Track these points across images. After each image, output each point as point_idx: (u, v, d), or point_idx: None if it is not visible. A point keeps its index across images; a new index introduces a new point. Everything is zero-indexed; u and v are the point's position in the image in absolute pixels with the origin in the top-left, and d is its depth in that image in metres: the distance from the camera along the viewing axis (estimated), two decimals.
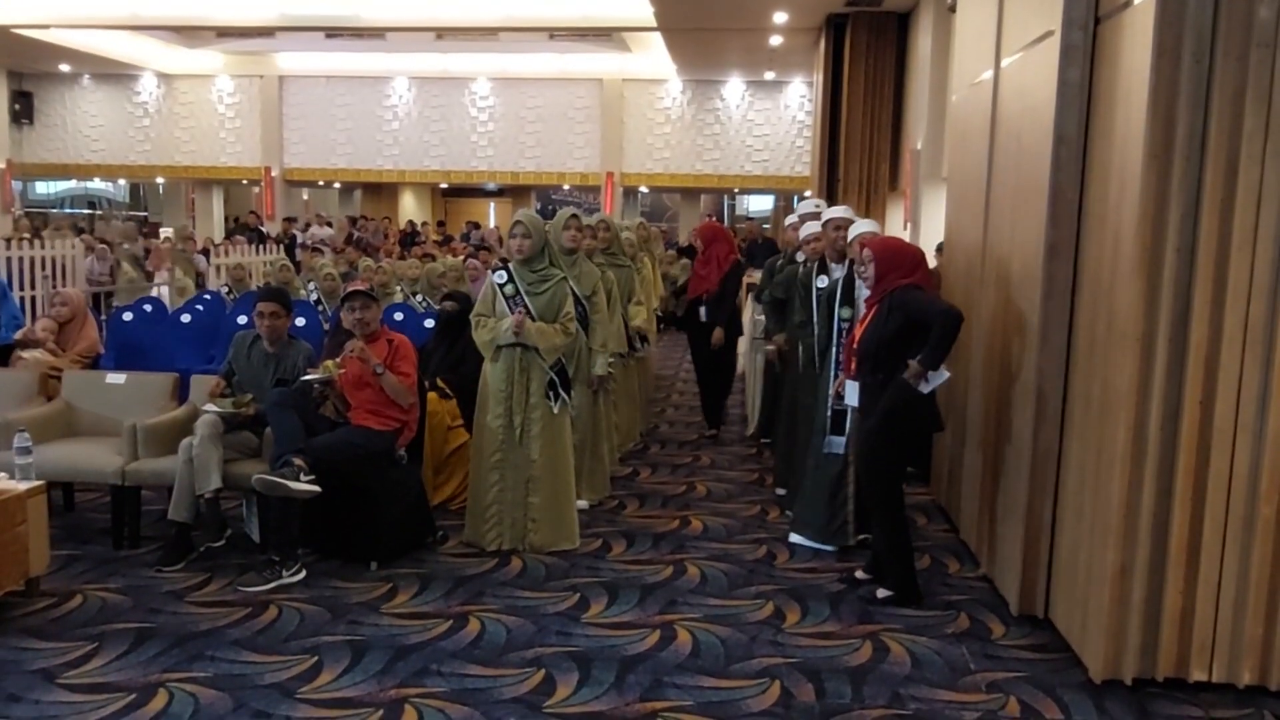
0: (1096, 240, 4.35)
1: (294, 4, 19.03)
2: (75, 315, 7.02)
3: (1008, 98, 5.46)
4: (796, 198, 23.94)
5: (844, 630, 4.76)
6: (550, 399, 5.73)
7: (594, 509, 6.56)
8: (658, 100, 23.93)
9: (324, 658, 4.32)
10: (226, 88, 24.69)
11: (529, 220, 5.82)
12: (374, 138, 24.53)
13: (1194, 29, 3.83)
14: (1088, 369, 4.39)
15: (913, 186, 11.25)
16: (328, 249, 17.46)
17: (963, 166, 6.54)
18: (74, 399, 6.19)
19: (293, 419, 5.28)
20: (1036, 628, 4.78)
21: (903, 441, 5.09)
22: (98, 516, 6.19)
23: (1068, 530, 4.56)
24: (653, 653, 4.47)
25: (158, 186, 28.47)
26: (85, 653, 4.33)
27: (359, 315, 5.55)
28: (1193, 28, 3.83)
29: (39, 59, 22.72)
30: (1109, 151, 4.25)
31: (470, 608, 4.93)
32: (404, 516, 5.61)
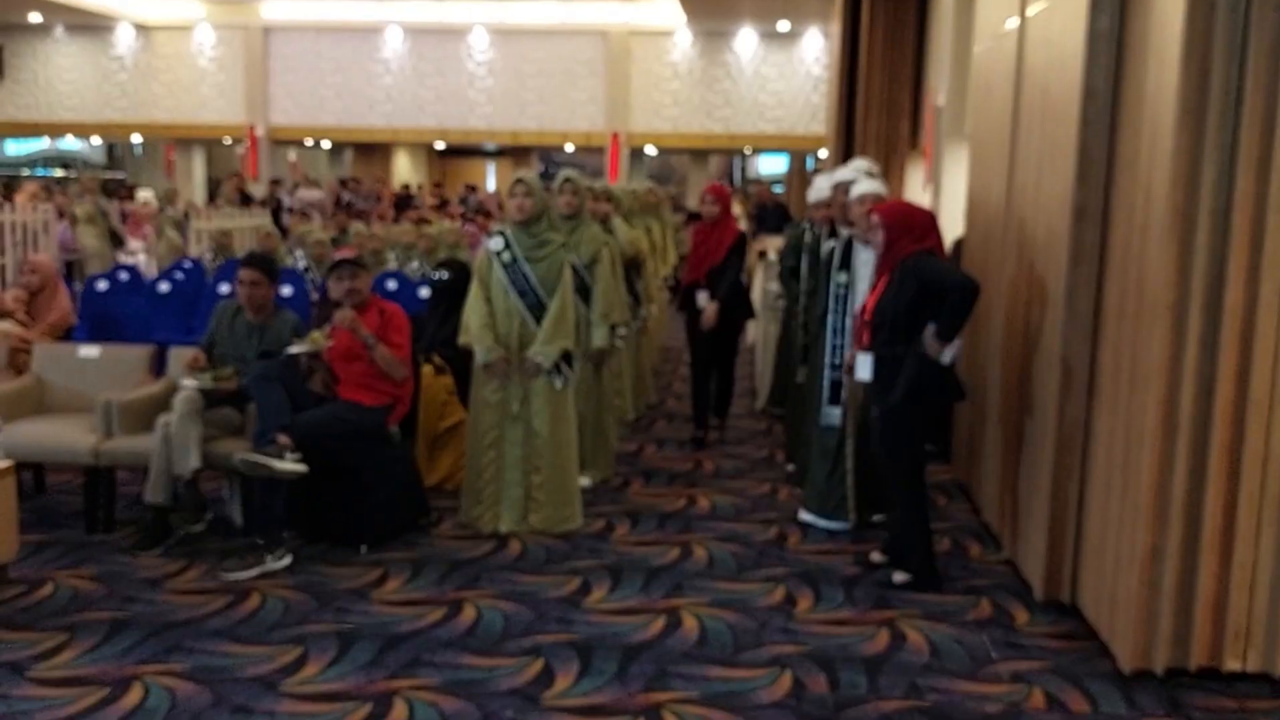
0: (1126, 202, 4.31)
1: None
2: (46, 284, 7.02)
3: (1034, 49, 5.40)
4: (811, 158, 23.87)
5: (859, 617, 4.76)
6: (552, 373, 5.72)
7: (597, 487, 6.57)
8: (665, 53, 23.82)
9: (310, 648, 4.33)
10: (208, 39, 24.61)
11: (531, 180, 5.81)
12: (365, 93, 24.46)
13: None
14: (1116, 339, 4.36)
15: (934, 145, 11.18)
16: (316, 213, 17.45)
17: (985, 123, 6.50)
18: (45, 374, 6.19)
19: (278, 393, 5.28)
20: (1062, 615, 4.78)
21: (926, 416, 5.09)
22: (70, 499, 6.21)
23: (1095, 511, 4.54)
24: (657, 641, 4.47)
25: (134, 147, 28.41)
26: (56, 644, 4.34)
27: (348, 284, 5.54)
28: None
29: (8, 9, 22.66)
30: (1140, 107, 4.20)
31: (465, 594, 4.94)
32: (396, 497, 5.62)
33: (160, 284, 9.26)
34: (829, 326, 5.92)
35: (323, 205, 19.10)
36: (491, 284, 5.78)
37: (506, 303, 5.74)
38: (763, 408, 8.90)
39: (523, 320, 5.73)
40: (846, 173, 6.18)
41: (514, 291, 5.73)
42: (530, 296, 5.72)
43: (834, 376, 5.86)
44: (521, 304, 5.72)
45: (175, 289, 9.20)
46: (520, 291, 5.73)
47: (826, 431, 5.92)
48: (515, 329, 5.73)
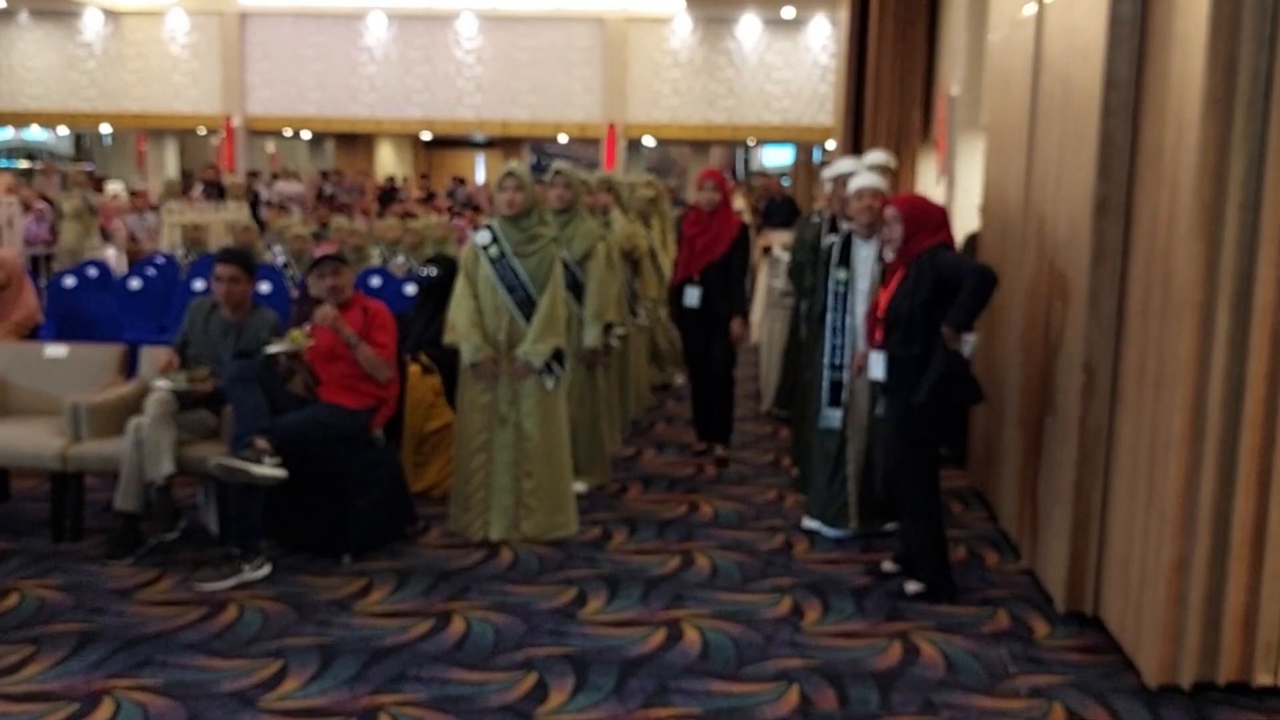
0: (1151, 196, 4.32)
1: None
2: (11, 281, 7.00)
3: (1053, 37, 5.42)
4: (818, 150, 23.90)
5: (869, 629, 4.77)
6: (541, 373, 5.73)
7: (593, 493, 6.57)
8: (665, 41, 23.88)
9: (289, 662, 4.33)
10: (181, 26, 24.64)
11: (521, 172, 5.82)
12: (348, 82, 24.49)
13: None
14: (1141, 339, 4.37)
15: (947, 136, 11.20)
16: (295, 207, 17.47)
17: (1003, 114, 6.51)
18: (9, 374, 6.18)
19: (255, 395, 5.28)
20: (1084, 627, 4.79)
21: (944, 419, 5.11)
22: (36, 506, 6.19)
23: (1119, 519, 4.55)
24: (657, 654, 4.48)
25: (103, 137, 28.41)
26: (21, 658, 4.33)
27: (330, 281, 5.55)
28: None
29: None
30: (1164, 96, 4.22)
31: (454, 605, 4.94)
32: (380, 504, 5.62)
33: (131, 280, 9.27)
34: (828, 325, 5.94)
35: (302, 198, 19.12)
36: (479, 280, 5.79)
37: (494, 299, 5.75)
38: (768, 409, 8.91)
39: (511, 318, 5.73)
40: (847, 164, 6.23)
41: (502, 287, 5.74)
42: (519, 292, 5.73)
43: (834, 377, 5.90)
44: (510, 300, 5.73)
45: (147, 286, 9.22)
46: (509, 287, 5.73)
47: (827, 434, 5.95)
48: (504, 327, 5.74)
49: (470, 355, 5.69)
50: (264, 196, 19.88)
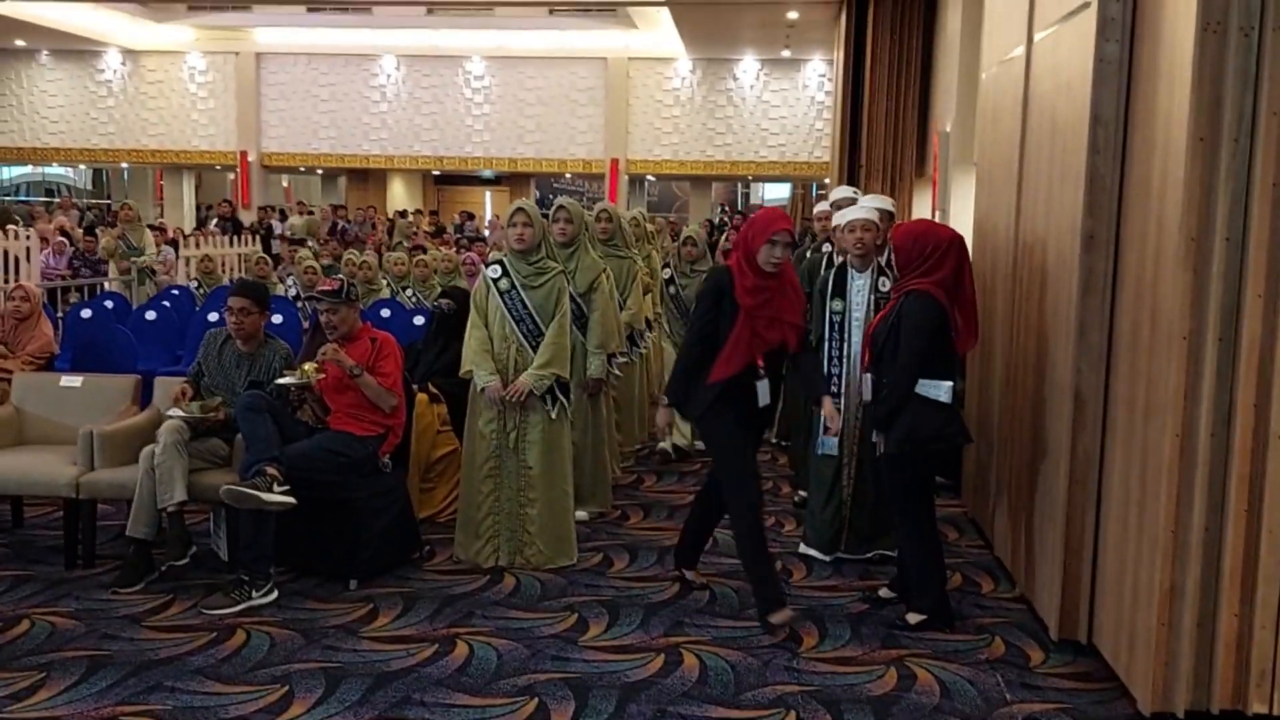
0: (1138, 230, 4.30)
1: None
2: (33, 312, 7.00)
3: (1041, 75, 5.42)
4: (815, 185, 23.96)
5: (866, 655, 4.72)
6: (547, 402, 5.70)
7: (594, 520, 6.53)
8: (666, 80, 23.99)
9: (295, 687, 4.29)
10: (198, 65, 24.77)
11: (530, 208, 5.82)
12: (360, 120, 24.61)
13: (1242, 0, 3.79)
14: (1130, 370, 4.35)
15: (941, 172, 11.21)
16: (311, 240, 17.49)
17: (993, 150, 6.51)
18: (25, 404, 6.15)
19: (266, 424, 5.25)
20: (1079, 654, 4.73)
21: (928, 458, 5.04)
22: (49, 533, 6.16)
23: (1112, 547, 4.51)
24: (656, 679, 4.43)
25: (123, 172, 28.52)
26: (31, 683, 4.28)
27: (328, 318, 5.53)
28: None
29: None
30: (1151, 133, 4.20)
31: (458, 630, 4.90)
32: (387, 530, 5.58)
33: (147, 312, 9.25)
34: (825, 355, 5.90)
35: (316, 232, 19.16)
36: (489, 310, 5.78)
37: (503, 330, 5.74)
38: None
39: (519, 347, 5.72)
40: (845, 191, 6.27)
41: (511, 319, 5.73)
42: (527, 323, 5.72)
43: None
44: (518, 331, 5.72)
45: (162, 317, 9.20)
46: (517, 319, 5.72)
47: (823, 461, 5.91)
48: (511, 356, 5.72)
49: (482, 381, 5.67)
50: (279, 230, 19.93)
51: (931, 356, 4.83)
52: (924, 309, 4.83)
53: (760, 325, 4.90)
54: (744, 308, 4.88)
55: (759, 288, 4.88)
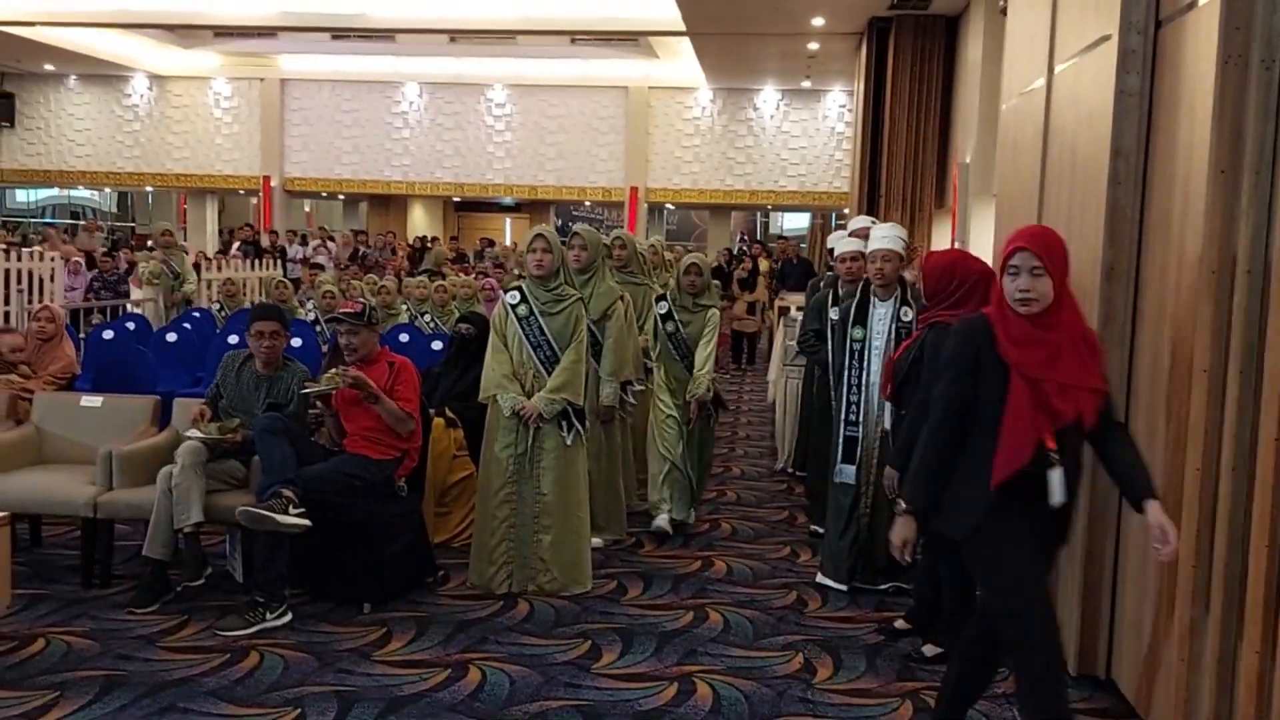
0: (1159, 262, 4.28)
1: (297, 2, 19.21)
2: (57, 333, 7.04)
3: (1061, 107, 5.40)
4: (835, 215, 23.96)
5: (881, 687, 4.68)
6: (562, 428, 5.69)
7: (609, 548, 6.51)
8: (686, 110, 24.06)
9: (307, 710, 4.27)
10: (223, 91, 24.97)
11: (550, 234, 5.84)
12: (382, 146, 24.75)
13: (1263, 32, 3.77)
14: (1151, 403, 4.31)
15: (961, 203, 11.20)
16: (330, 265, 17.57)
17: (1013, 181, 6.49)
18: (45, 423, 6.18)
19: (283, 446, 5.26)
20: (1097, 689, 4.68)
21: None
22: (66, 552, 6.17)
23: (1131, 581, 4.47)
24: (669, 708, 4.40)
25: (147, 196, 28.74)
26: (45, 703, 4.28)
27: (348, 340, 5.54)
28: (1262, 31, 3.76)
29: (22, 57, 23.03)
30: (1171, 165, 4.19)
31: (471, 655, 4.87)
32: (402, 554, 5.57)
33: (167, 334, 9.28)
34: (845, 383, 5.89)
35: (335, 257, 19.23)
36: (508, 336, 5.78)
37: (521, 355, 5.74)
38: (782, 467, 8.83)
39: (536, 373, 5.72)
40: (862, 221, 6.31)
41: (529, 345, 5.73)
42: (545, 350, 5.72)
43: (849, 433, 5.83)
44: (536, 358, 5.72)
45: (182, 339, 9.23)
46: (535, 345, 5.73)
47: (840, 490, 5.88)
48: (529, 382, 5.72)
49: (510, 404, 5.66)
50: (300, 254, 20.01)
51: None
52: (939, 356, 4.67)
53: (1048, 393, 3.49)
54: (1017, 368, 3.49)
55: (1033, 339, 3.51)
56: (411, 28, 20.96)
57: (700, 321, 6.89)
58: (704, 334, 6.83)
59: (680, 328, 6.92)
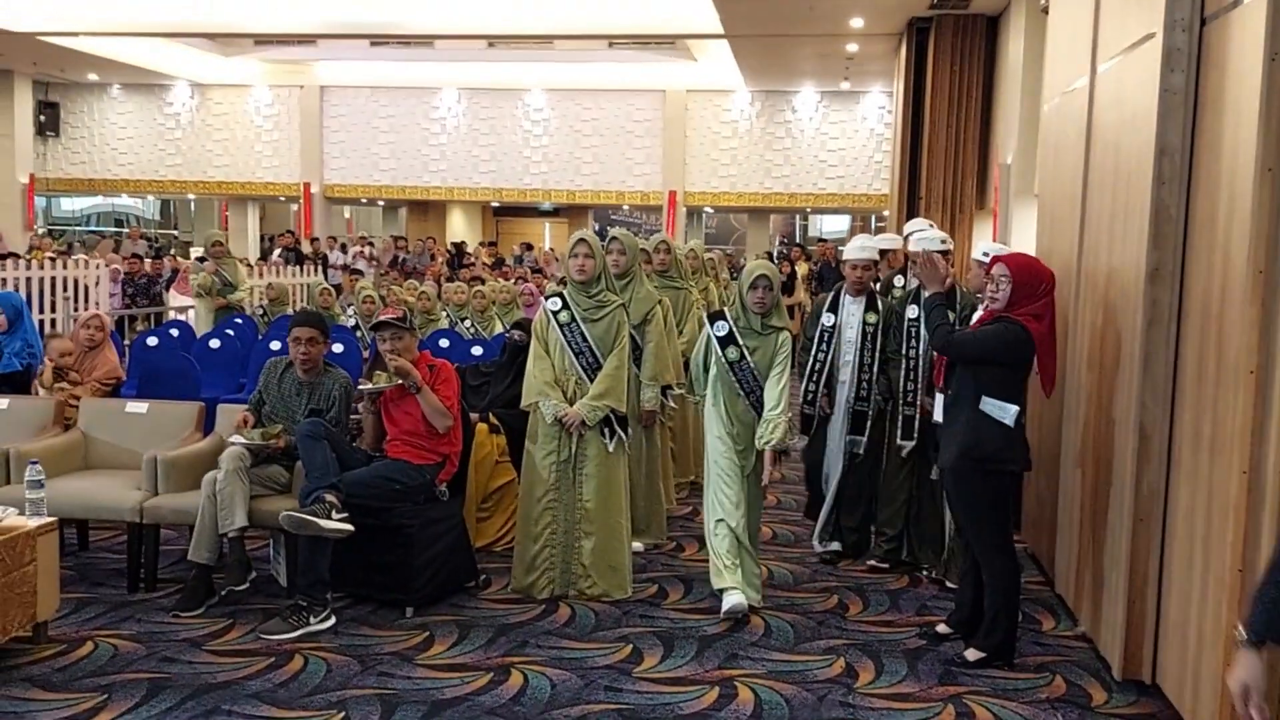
0: (1204, 262, 4.25)
1: (336, 10, 19.37)
2: (105, 340, 7.15)
3: (1104, 106, 5.38)
4: (875, 219, 23.87)
5: (923, 692, 4.66)
6: (604, 435, 5.71)
7: (649, 551, 6.52)
8: (724, 112, 24.04)
9: (351, 713, 4.31)
10: (264, 98, 25.21)
11: (592, 239, 5.84)
12: (420, 152, 24.90)
13: None
14: (1196, 404, 4.28)
15: (1002, 204, 11.13)
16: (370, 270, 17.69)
17: (1055, 182, 6.46)
18: (91, 429, 6.27)
19: (325, 451, 5.31)
20: (1143, 694, 4.65)
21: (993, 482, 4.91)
22: (112, 556, 6.26)
23: (1176, 585, 4.43)
24: (710, 712, 4.40)
25: (189, 203, 29.06)
26: (93, 705, 4.34)
27: (388, 346, 5.58)
28: None
29: (67, 67, 23.36)
30: (1217, 164, 4.16)
31: (512, 659, 4.90)
32: (443, 558, 5.61)
33: (210, 340, 9.39)
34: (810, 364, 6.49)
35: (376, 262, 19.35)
36: (550, 342, 5.80)
37: (563, 362, 5.76)
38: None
39: (579, 380, 5.73)
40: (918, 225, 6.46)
41: (570, 351, 5.74)
42: (587, 356, 5.73)
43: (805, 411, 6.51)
44: (578, 364, 5.73)
45: (225, 345, 9.33)
46: (577, 351, 5.74)
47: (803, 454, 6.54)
48: (571, 388, 5.74)
49: (553, 411, 5.68)
50: (341, 260, 20.17)
51: (1003, 377, 4.78)
52: (1009, 330, 4.76)
53: None
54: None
55: None
56: (449, 34, 21.05)
57: (770, 347, 5.58)
58: (775, 363, 5.56)
59: (746, 354, 5.59)
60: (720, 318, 5.70)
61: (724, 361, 5.59)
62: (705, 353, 5.75)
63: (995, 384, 4.78)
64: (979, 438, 4.78)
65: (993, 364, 4.78)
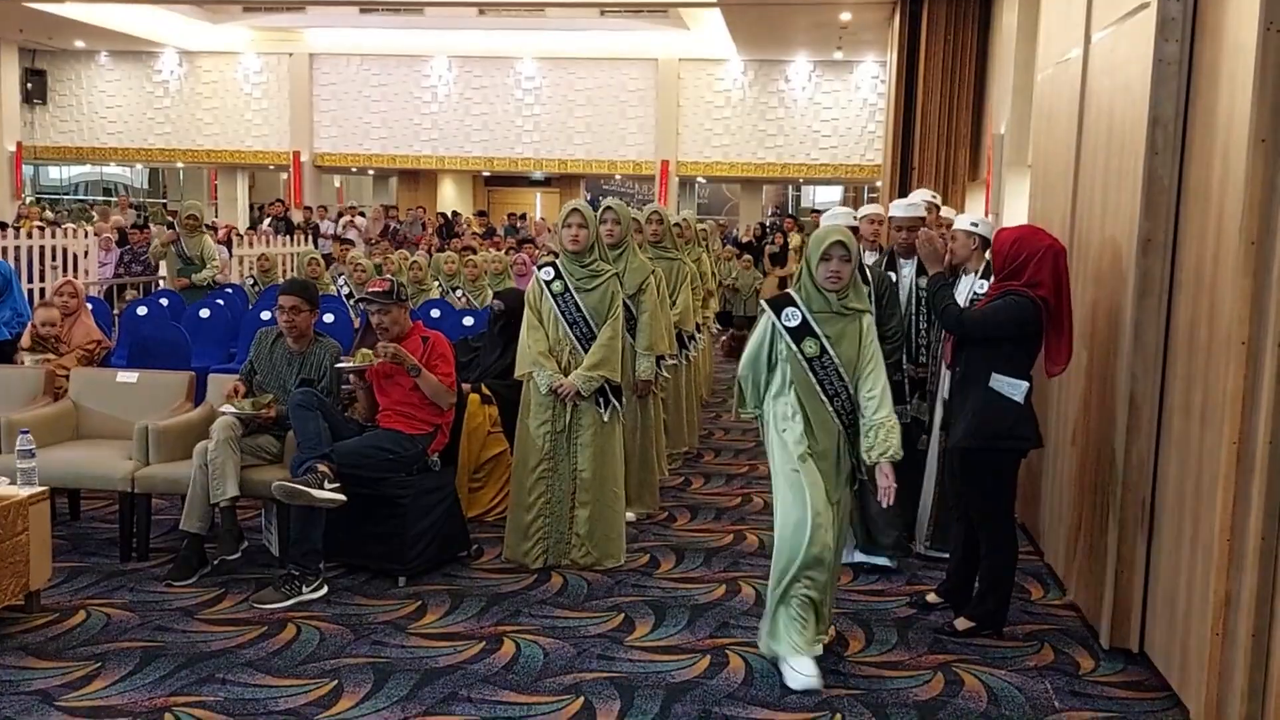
0: (1196, 233, 4.26)
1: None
2: (80, 307, 7.12)
3: (1098, 76, 5.37)
4: (867, 189, 23.85)
5: (913, 660, 4.70)
6: (599, 405, 5.72)
7: (641, 522, 6.55)
8: (717, 82, 23.98)
9: (344, 681, 4.33)
10: (253, 66, 25.08)
11: (585, 209, 5.82)
12: (411, 121, 24.81)
13: None
14: (1187, 375, 4.30)
15: (995, 175, 11.13)
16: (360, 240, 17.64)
17: (1048, 152, 6.46)
18: (82, 399, 6.27)
19: (317, 421, 5.32)
20: (1131, 663, 4.69)
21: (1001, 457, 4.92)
22: (104, 526, 6.27)
23: (1165, 555, 4.46)
24: (702, 680, 4.44)
25: (178, 172, 28.93)
26: (86, 673, 4.36)
27: (379, 319, 5.57)
28: None
29: (53, 35, 23.20)
30: (1210, 135, 4.16)
31: (505, 628, 4.93)
32: (435, 528, 5.63)
33: (201, 310, 9.37)
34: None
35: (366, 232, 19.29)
36: (543, 312, 5.80)
37: (557, 332, 5.76)
38: None
39: (573, 349, 5.73)
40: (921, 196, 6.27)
41: (565, 322, 5.74)
42: (581, 326, 5.73)
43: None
44: (572, 334, 5.73)
45: (215, 315, 9.32)
46: (570, 321, 5.73)
47: None
48: (565, 358, 5.74)
49: (546, 382, 5.68)
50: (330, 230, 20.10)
51: (1013, 353, 4.78)
52: (1017, 305, 4.72)
53: None
54: None
55: None
56: (441, 1, 20.95)
57: (855, 334, 4.50)
58: (865, 354, 4.49)
59: (827, 346, 4.45)
60: (787, 302, 4.54)
61: (800, 359, 4.45)
62: (767, 351, 4.55)
63: (1005, 361, 4.77)
64: (990, 416, 4.78)
65: (1004, 340, 4.78)
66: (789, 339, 4.46)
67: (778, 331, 4.49)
